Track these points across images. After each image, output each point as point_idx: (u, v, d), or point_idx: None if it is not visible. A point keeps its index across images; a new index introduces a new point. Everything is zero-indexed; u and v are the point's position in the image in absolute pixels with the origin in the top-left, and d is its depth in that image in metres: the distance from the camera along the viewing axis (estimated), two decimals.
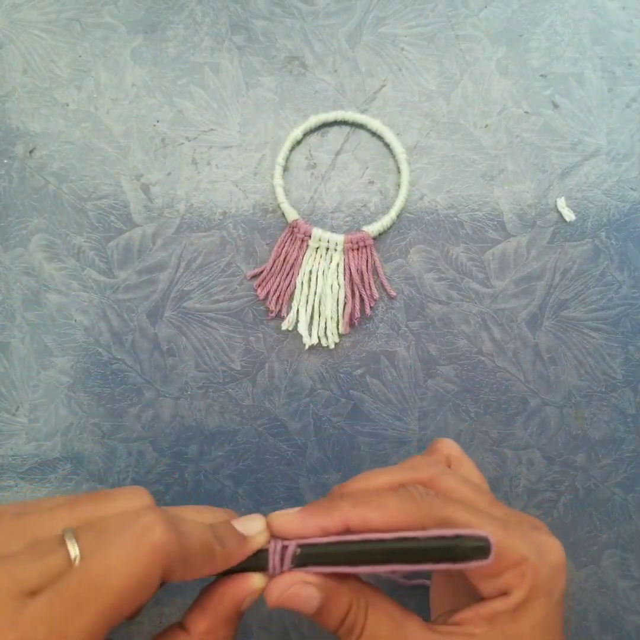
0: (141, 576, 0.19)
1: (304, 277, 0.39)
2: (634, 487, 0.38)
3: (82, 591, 0.18)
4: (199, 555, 0.21)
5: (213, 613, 0.22)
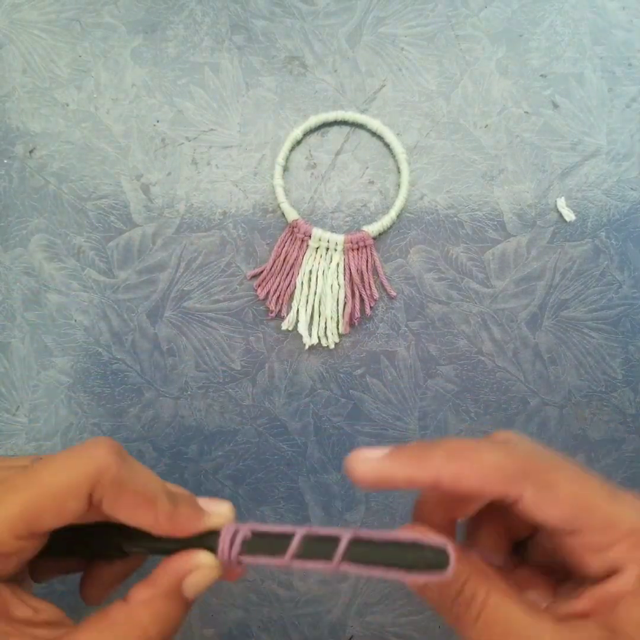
0: (69, 480, 0.20)
1: (304, 277, 0.39)
2: (634, 487, 0.38)
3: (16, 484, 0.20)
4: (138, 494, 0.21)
5: (153, 583, 0.21)
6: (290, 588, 0.37)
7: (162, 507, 0.21)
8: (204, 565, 0.21)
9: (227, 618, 0.37)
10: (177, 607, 0.21)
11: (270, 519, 0.38)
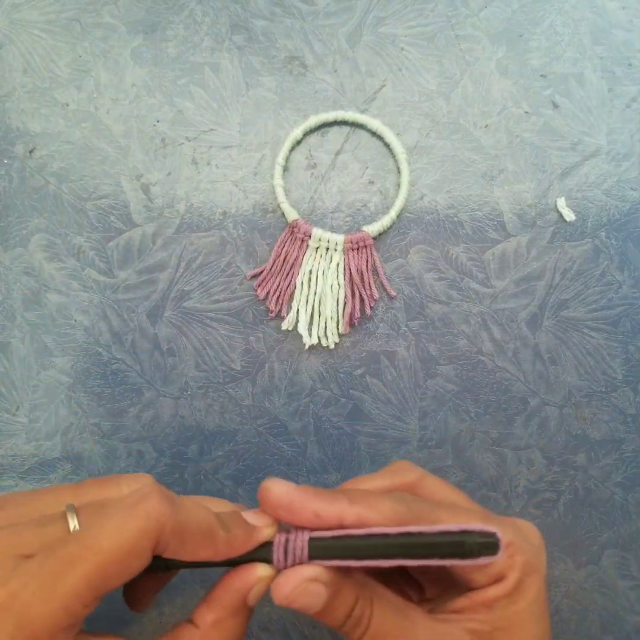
0: (131, 541, 0.19)
1: (304, 277, 0.39)
2: (634, 487, 0.38)
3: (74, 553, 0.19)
4: (197, 534, 0.21)
5: (219, 605, 0.22)
6: None
7: (219, 539, 0.21)
8: (265, 578, 0.22)
9: None
10: (244, 621, 0.22)
11: None
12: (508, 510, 0.38)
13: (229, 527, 0.22)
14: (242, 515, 0.23)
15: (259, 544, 0.22)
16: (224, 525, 0.22)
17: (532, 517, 0.38)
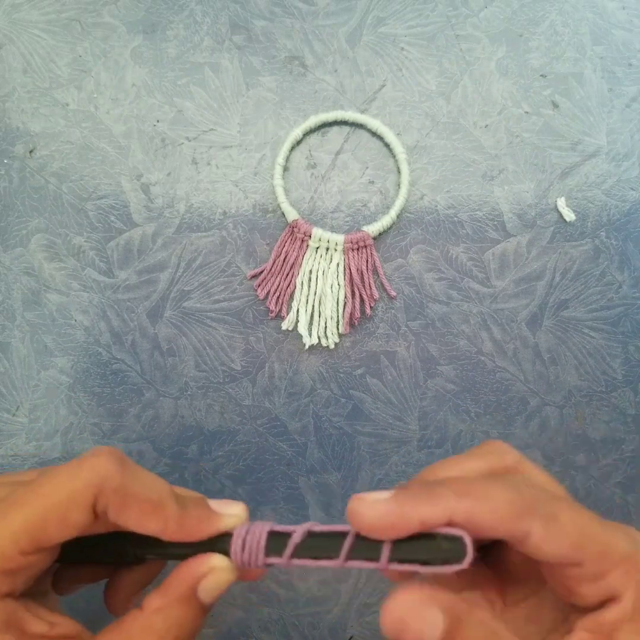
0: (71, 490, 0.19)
1: (304, 277, 0.39)
2: (634, 487, 0.38)
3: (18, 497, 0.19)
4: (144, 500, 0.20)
5: (167, 590, 0.21)
6: (290, 588, 0.37)
7: (170, 512, 0.20)
8: (218, 569, 0.21)
9: (227, 618, 0.37)
10: (193, 612, 0.21)
11: (270, 519, 0.38)
12: None
13: (186, 506, 0.21)
14: (207, 501, 0.22)
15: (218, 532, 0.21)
16: (181, 502, 0.21)
17: None
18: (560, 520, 0.18)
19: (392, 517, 0.18)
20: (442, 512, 0.18)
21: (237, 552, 0.20)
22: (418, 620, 0.17)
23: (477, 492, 0.19)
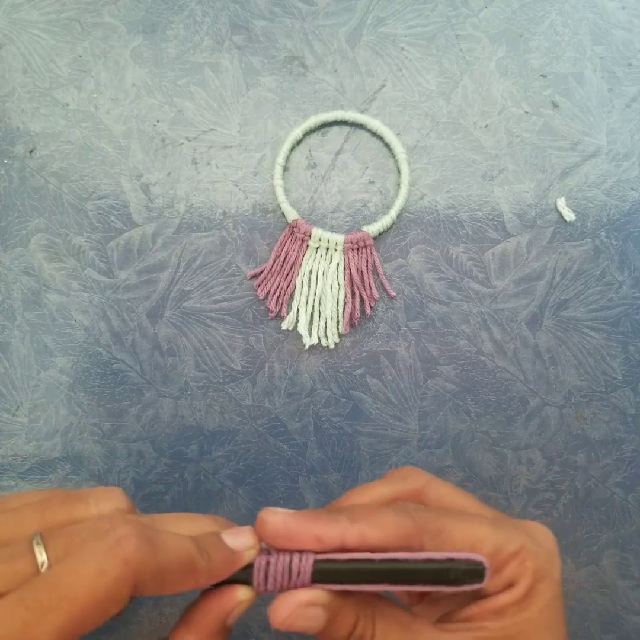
0: (109, 590, 0.18)
1: (304, 277, 0.39)
2: (634, 487, 0.38)
3: (47, 599, 0.17)
4: (178, 571, 0.20)
5: (198, 628, 0.21)
6: None
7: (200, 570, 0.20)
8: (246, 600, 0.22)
9: None
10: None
11: None
12: (508, 510, 0.38)
13: (210, 554, 0.21)
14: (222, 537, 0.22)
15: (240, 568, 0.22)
16: (204, 554, 0.21)
17: (532, 517, 0.38)
18: (448, 532, 0.21)
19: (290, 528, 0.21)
20: (336, 533, 0.21)
21: (261, 584, 0.22)
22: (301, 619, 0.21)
23: (368, 518, 0.21)
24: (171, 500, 0.38)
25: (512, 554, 0.22)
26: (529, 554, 0.22)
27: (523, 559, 0.22)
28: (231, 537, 0.22)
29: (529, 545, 0.22)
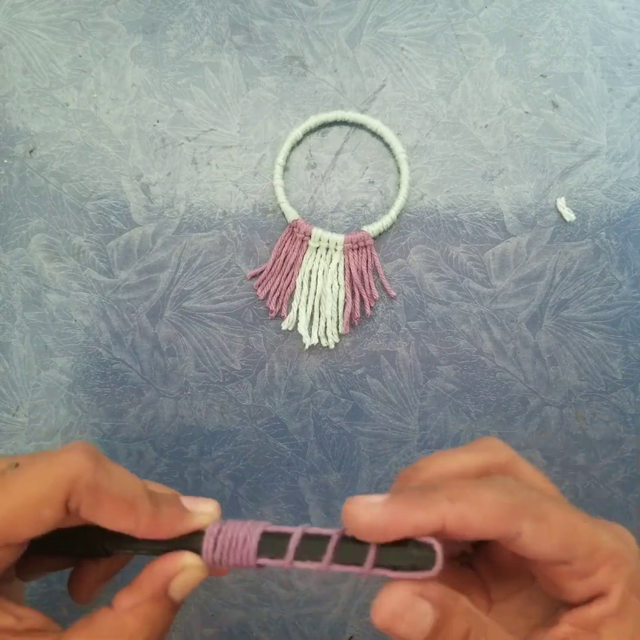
0: (43, 486, 0.19)
1: (304, 277, 0.39)
2: (634, 487, 0.38)
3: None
4: (117, 497, 0.20)
5: (138, 589, 0.21)
6: (290, 588, 0.37)
7: (142, 510, 0.20)
8: (190, 567, 0.21)
9: (227, 618, 0.37)
10: (164, 611, 0.21)
11: (270, 519, 0.38)
12: None
13: (159, 503, 0.21)
14: (180, 498, 0.22)
15: (190, 529, 0.21)
16: (154, 500, 0.21)
17: None
18: (550, 520, 0.19)
19: (386, 521, 0.19)
20: (436, 518, 0.18)
21: (209, 551, 0.21)
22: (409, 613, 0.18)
23: (469, 497, 0.19)
24: None
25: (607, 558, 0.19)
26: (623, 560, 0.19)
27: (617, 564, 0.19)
28: (189, 500, 0.22)
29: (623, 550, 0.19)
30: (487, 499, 0.19)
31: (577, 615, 0.19)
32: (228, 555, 0.20)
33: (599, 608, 0.19)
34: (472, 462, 0.22)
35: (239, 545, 0.20)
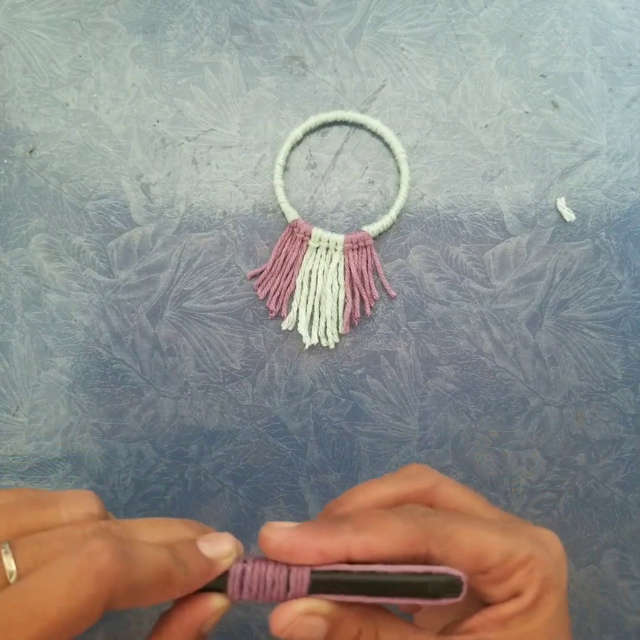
0: (81, 606, 0.17)
1: (304, 277, 0.39)
2: (634, 487, 0.38)
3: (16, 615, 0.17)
4: (154, 584, 0.19)
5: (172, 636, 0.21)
6: None
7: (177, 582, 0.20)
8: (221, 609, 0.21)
9: (227, 618, 0.37)
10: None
11: (270, 519, 0.38)
12: (508, 510, 0.38)
13: (186, 564, 0.20)
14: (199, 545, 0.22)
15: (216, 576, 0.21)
16: (181, 565, 0.20)
17: (532, 517, 0.38)
18: (456, 538, 0.21)
19: (292, 544, 0.20)
20: (339, 545, 0.20)
21: (235, 593, 0.21)
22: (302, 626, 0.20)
23: (373, 526, 0.21)
24: (171, 500, 0.38)
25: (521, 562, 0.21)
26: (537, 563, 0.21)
27: (531, 568, 0.21)
28: (208, 546, 0.22)
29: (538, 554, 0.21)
30: (393, 527, 0.21)
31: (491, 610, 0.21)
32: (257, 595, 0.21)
33: (511, 605, 0.21)
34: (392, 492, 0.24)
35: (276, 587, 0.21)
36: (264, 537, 0.21)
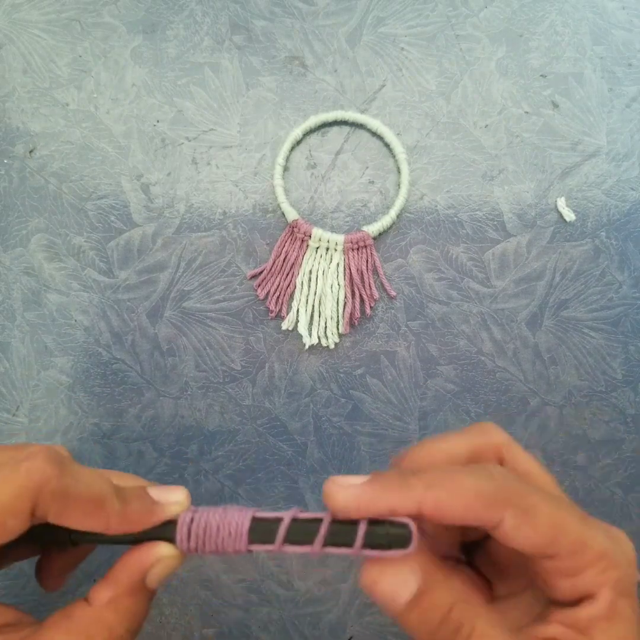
0: (7, 499, 0.18)
1: (304, 277, 0.39)
2: (634, 487, 0.38)
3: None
4: (85, 500, 0.20)
5: (115, 582, 0.21)
6: (290, 588, 0.37)
7: (111, 509, 0.20)
8: (165, 557, 0.21)
9: (227, 618, 0.37)
10: (142, 601, 0.21)
11: None
12: None
13: (128, 499, 0.21)
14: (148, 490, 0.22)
15: (161, 521, 0.21)
16: (122, 497, 0.21)
17: None
18: (534, 512, 0.19)
19: (361, 501, 0.19)
20: (411, 501, 0.19)
21: (183, 540, 0.21)
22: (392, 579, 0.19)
23: (447, 483, 0.19)
24: None
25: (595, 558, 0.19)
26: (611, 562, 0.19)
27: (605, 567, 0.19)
28: (157, 491, 0.22)
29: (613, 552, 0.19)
30: (466, 486, 0.19)
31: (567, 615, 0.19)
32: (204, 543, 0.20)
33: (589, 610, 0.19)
34: (463, 446, 0.22)
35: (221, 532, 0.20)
36: (329, 494, 0.20)
